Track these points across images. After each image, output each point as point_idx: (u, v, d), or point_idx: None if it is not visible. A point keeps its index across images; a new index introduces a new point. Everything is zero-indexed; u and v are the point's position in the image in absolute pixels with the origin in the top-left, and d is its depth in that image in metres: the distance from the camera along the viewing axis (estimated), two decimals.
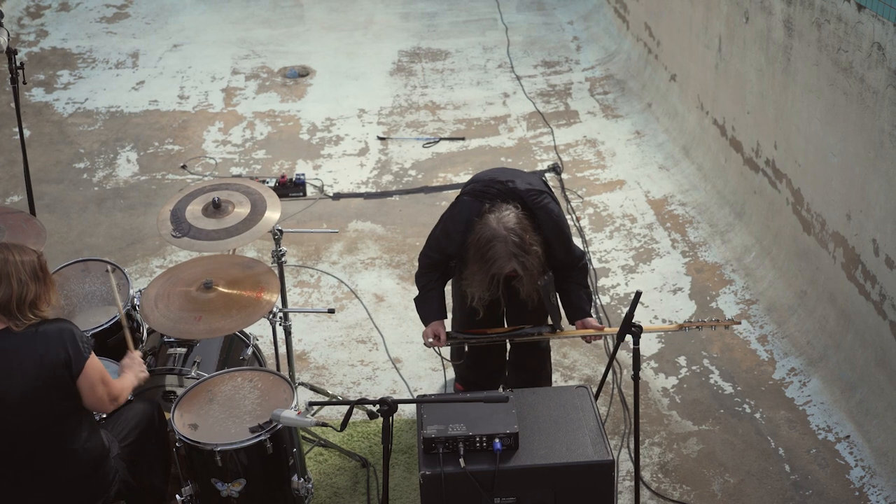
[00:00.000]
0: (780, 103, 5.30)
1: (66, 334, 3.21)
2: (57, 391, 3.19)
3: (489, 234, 3.64)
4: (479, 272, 3.71)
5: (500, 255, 3.63)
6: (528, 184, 3.86)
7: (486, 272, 3.69)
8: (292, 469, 3.72)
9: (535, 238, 3.71)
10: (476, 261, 3.71)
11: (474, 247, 3.70)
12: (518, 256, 3.64)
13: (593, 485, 3.47)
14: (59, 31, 8.79)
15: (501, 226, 3.64)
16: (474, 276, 3.75)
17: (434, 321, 4.02)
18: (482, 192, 3.83)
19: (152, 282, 4.02)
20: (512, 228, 3.63)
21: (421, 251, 4.05)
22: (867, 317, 4.55)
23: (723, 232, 5.81)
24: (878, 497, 4.12)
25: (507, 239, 3.62)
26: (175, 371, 4.02)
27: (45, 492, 3.27)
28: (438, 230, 3.97)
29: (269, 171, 6.66)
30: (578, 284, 4.02)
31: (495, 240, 3.63)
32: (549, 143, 6.97)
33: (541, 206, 3.81)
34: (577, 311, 4.02)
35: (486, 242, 3.65)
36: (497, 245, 3.63)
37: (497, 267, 3.66)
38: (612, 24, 8.31)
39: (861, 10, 4.38)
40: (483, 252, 3.66)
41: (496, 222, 3.65)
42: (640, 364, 3.72)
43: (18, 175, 6.18)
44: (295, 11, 9.24)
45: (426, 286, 4.04)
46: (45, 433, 3.22)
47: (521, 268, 3.67)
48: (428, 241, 4.03)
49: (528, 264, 3.67)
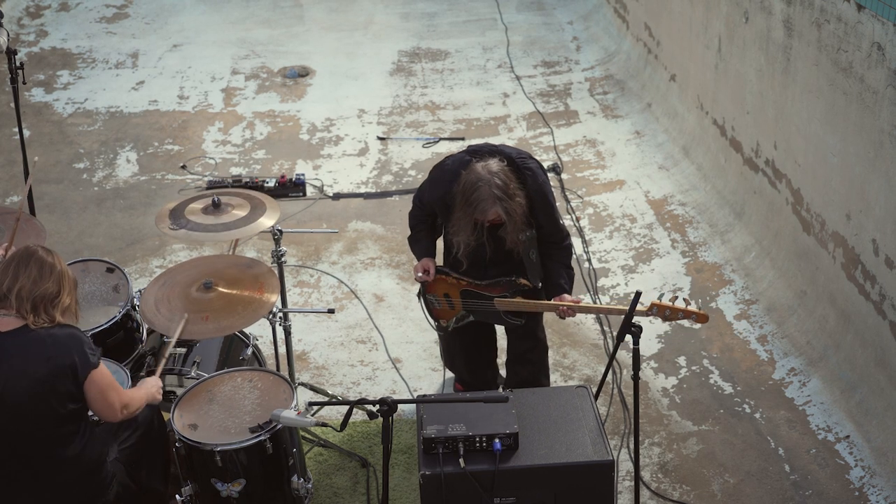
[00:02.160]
0: (779, 103, 5.30)
1: (74, 340, 3.23)
2: (61, 395, 3.19)
3: (474, 178, 3.79)
4: (463, 216, 3.84)
5: (483, 196, 3.75)
6: (518, 152, 4.01)
7: (470, 215, 3.82)
8: (292, 469, 3.72)
9: (519, 190, 3.83)
10: (462, 205, 3.83)
11: (460, 192, 3.83)
12: (502, 200, 3.76)
13: (593, 485, 3.47)
14: (58, 32, 8.79)
15: (486, 170, 3.78)
16: (459, 222, 3.88)
17: (425, 257, 4.17)
18: (474, 150, 4.00)
19: (149, 286, 4.01)
20: (496, 172, 3.78)
21: (414, 195, 4.23)
22: (867, 317, 4.55)
23: (723, 232, 5.81)
24: (878, 497, 4.12)
25: (492, 182, 3.75)
26: (175, 371, 4.02)
27: (41, 494, 3.27)
28: (427, 180, 4.13)
29: (269, 171, 6.66)
30: (561, 263, 4.10)
31: (480, 182, 3.76)
32: (548, 143, 6.97)
33: (527, 168, 3.95)
34: (556, 287, 4.08)
35: (470, 185, 3.79)
36: (482, 188, 3.75)
37: (481, 210, 3.78)
38: (611, 24, 8.31)
39: (861, 10, 4.38)
40: (468, 195, 3.79)
41: (482, 168, 3.80)
42: (639, 364, 3.72)
43: (18, 175, 6.18)
44: (295, 11, 9.24)
45: (416, 226, 4.22)
46: (45, 435, 3.23)
47: (505, 213, 3.78)
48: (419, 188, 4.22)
49: (511, 210, 3.78)
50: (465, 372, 4.51)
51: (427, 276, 4.14)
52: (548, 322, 5.15)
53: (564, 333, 5.13)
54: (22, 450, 3.22)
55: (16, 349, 3.16)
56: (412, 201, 4.23)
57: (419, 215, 4.20)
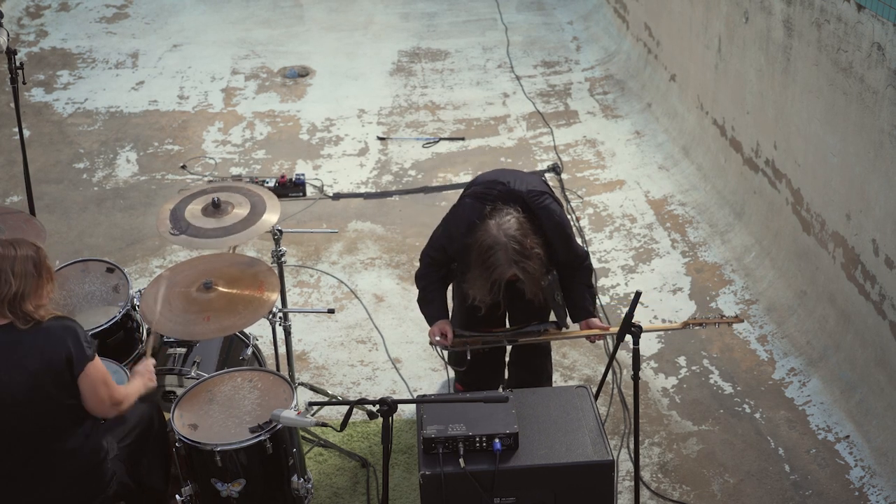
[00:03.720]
0: (779, 103, 5.30)
1: (69, 332, 3.20)
2: (58, 389, 3.18)
3: (490, 242, 3.66)
4: (480, 278, 3.73)
5: (500, 262, 3.65)
6: (528, 185, 3.89)
7: (487, 278, 3.71)
8: (292, 469, 3.72)
9: (536, 240, 3.72)
10: (477, 266, 3.72)
11: (476, 252, 3.71)
12: (519, 262, 3.66)
13: (593, 485, 3.47)
14: (58, 32, 8.79)
15: (502, 232, 3.66)
16: (475, 281, 3.77)
17: (440, 320, 4.03)
18: (484, 194, 3.86)
19: (148, 287, 4.01)
20: (512, 236, 3.65)
21: (422, 251, 4.07)
22: (867, 317, 4.55)
23: (722, 232, 5.82)
24: (878, 497, 4.12)
25: (508, 246, 3.63)
26: (175, 371, 4.02)
27: (40, 490, 3.27)
28: (440, 230, 4.00)
29: (269, 171, 6.66)
30: (582, 284, 4.03)
31: (496, 247, 3.65)
32: (548, 143, 6.97)
33: (542, 207, 3.84)
34: (581, 311, 4.03)
35: (486, 249, 3.66)
36: (498, 252, 3.65)
37: (498, 273, 3.69)
38: (611, 24, 8.31)
39: (861, 10, 4.38)
40: (484, 259, 3.68)
41: (496, 229, 3.67)
42: (639, 364, 3.72)
43: (18, 175, 6.18)
44: (295, 11, 9.24)
45: (427, 286, 4.05)
46: (43, 431, 3.22)
47: (523, 272, 3.69)
48: (430, 239, 4.05)
49: (529, 269, 3.68)
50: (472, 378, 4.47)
51: (445, 340, 3.99)
52: None
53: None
54: (21, 445, 3.21)
55: (9, 343, 3.14)
56: (420, 259, 4.07)
57: (430, 273, 4.04)
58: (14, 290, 3.13)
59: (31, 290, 3.16)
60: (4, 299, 3.13)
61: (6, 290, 3.12)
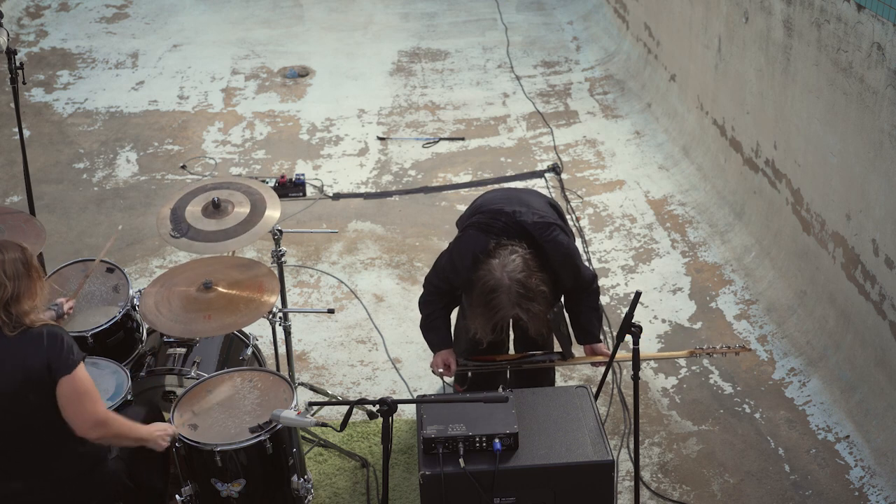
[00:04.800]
0: (779, 103, 5.30)
1: (52, 339, 3.13)
2: (37, 395, 3.13)
3: (493, 284, 3.57)
4: (482, 317, 3.66)
5: (503, 305, 3.58)
6: (535, 214, 3.77)
7: (489, 319, 3.65)
8: (292, 469, 3.72)
9: (542, 277, 3.62)
10: (480, 305, 3.65)
11: (478, 292, 3.63)
12: (522, 305, 3.58)
13: (593, 485, 3.47)
14: (58, 32, 8.79)
15: (506, 275, 3.56)
16: (477, 319, 3.70)
17: (443, 350, 3.97)
18: (488, 226, 3.76)
19: (148, 287, 4.01)
20: (517, 279, 3.55)
21: (427, 276, 3.99)
22: (867, 317, 4.55)
23: (722, 232, 5.81)
24: (878, 497, 4.12)
25: (511, 290, 3.55)
26: (175, 371, 4.02)
27: (40, 491, 3.27)
28: (445, 260, 3.89)
29: (269, 172, 6.66)
30: (589, 307, 3.97)
31: (499, 290, 3.56)
32: (548, 143, 6.97)
33: (549, 240, 3.73)
34: (587, 335, 3.99)
35: (489, 291, 3.58)
36: (501, 295, 3.57)
37: (500, 316, 3.62)
38: (611, 24, 8.31)
39: (861, 11, 4.38)
40: (487, 300, 3.60)
41: (500, 270, 3.57)
42: (639, 364, 3.72)
43: (18, 175, 6.18)
44: (294, 11, 9.24)
45: (432, 314, 3.97)
46: (38, 433, 3.21)
47: (526, 314, 3.62)
48: (434, 267, 3.96)
49: (533, 310, 3.61)
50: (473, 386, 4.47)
51: (448, 371, 3.95)
52: None
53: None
54: (21, 445, 3.21)
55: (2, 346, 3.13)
56: (424, 285, 3.98)
57: (434, 301, 3.96)
58: (10, 293, 3.09)
59: (25, 290, 3.13)
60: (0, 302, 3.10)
61: (2, 293, 3.09)
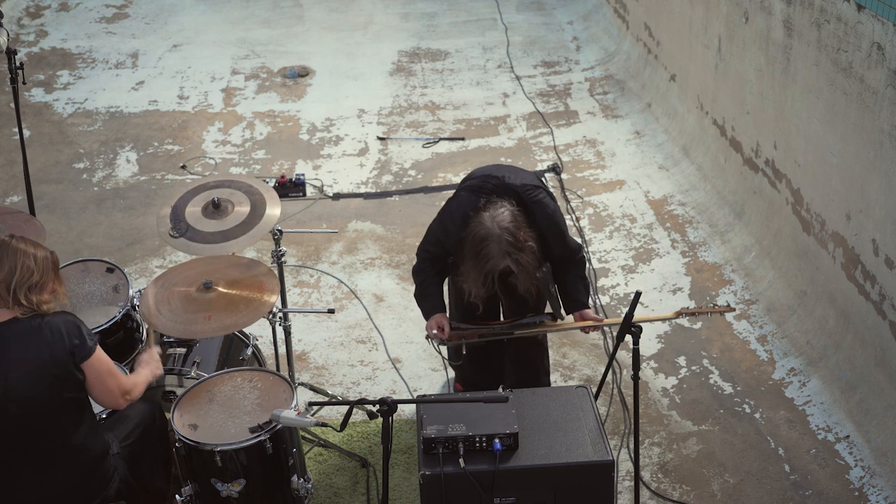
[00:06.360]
0: (779, 103, 5.30)
1: (71, 326, 3.23)
2: (62, 382, 3.20)
3: (483, 233, 3.69)
4: (473, 269, 3.77)
5: (493, 253, 3.69)
6: (523, 180, 3.92)
7: (480, 270, 3.75)
8: (292, 469, 3.72)
9: (530, 234, 3.75)
10: (471, 258, 3.76)
11: (469, 244, 3.75)
12: (512, 254, 3.69)
13: (593, 485, 3.47)
14: (58, 32, 8.79)
15: (496, 224, 3.68)
16: (469, 273, 3.80)
17: (437, 314, 4.06)
18: (478, 188, 3.89)
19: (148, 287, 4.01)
20: (506, 228, 3.68)
21: (419, 245, 4.09)
22: (867, 317, 4.55)
23: (722, 232, 5.82)
24: (878, 497, 4.12)
25: (501, 238, 3.67)
26: (175, 371, 4.02)
27: (43, 486, 3.27)
28: (436, 225, 4.03)
29: (269, 171, 6.67)
30: (576, 276, 4.07)
31: (489, 238, 3.68)
32: (548, 143, 6.97)
33: (536, 201, 3.87)
34: (575, 303, 4.07)
35: (480, 241, 3.70)
36: (491, 244, 3.68)
37: (491, 265, 3.72)
38: (611, 24, 8.31)
39: (861, 11, 4.38)
40: (477, 251, 3.71)
41: (490, 220, 3.70)
42: (639, 364, 3.73)
43: (18, 175, 6.18)
44: (294, 11, 9.24)
45: (424, 281, 4.08)
46: (46, 426, 3.23)
47: (516, 265, 3.72)
48: (426, 234, 4.08)
49: (522, 261, 3.72)
50: (469, 372, 4.50)
51: (442, 333, 4.03)
52: None
53: (564, 333, 5.13)
54: (25, 439, 3.22)
55: (14, 338, 3.16)
56: (417, 254, 4.08)
57: (427, 268, 4.06)
58: (36, 280, 3.20)
59: (47, 283, 3.25)
60: (24, 285, 3.18)
61: (28, 276, 3.19)
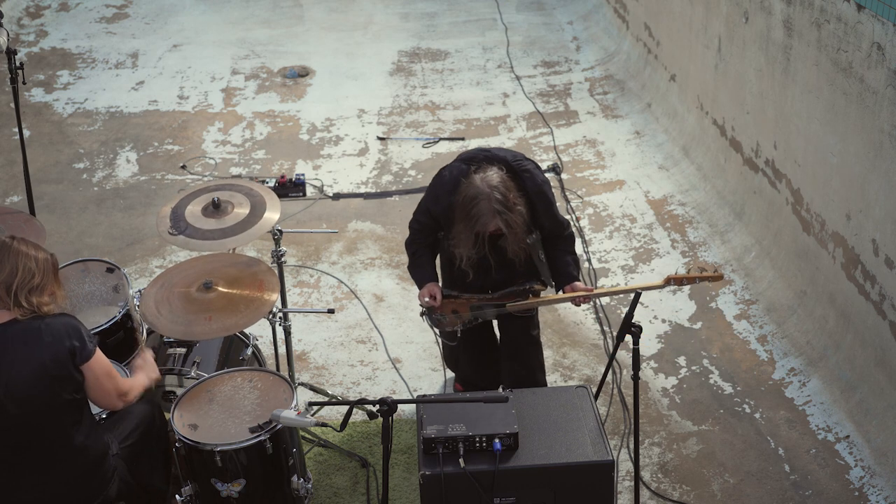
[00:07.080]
0: (779, 103, 5.30)
1: (71, 328, 3.24)
2: (61, 384, 3.20)
3: (473, 192, 3.76)
4: (464, 230, 3.83)
5: (483, 211, 3.74)
6: (513, 153, 4.01)
7: (470, 229, 3.81)
8: (292, 469, 3.72)
9: (519, 198, 3.82)
10: (461, 219, 3.82)
11: (460, 205, 3.82)
12: (502, 214, 3.74)
13: (593, 485, 3.47)
14: (58, 32, 8.79)
15: (485, 184, 3.76)
16: (460, 235, 3.86)
17: (429, 282, 4.12)
18: (470, 158, 3.98)
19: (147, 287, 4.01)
20: (495, 186, 3.75)
21: (411, 218, 4.16)
22: (867, 317, 4.55)
23: (722, 232, 5.82)
24: (878, 497, 4.12)
25: (491, 196, 3.73)
26: (175, 371, 4.02)
27: (43, 487, 3.27)
28: (427, 193, 4.09)
29: (269, 172, 6.67)
30: (564, 251, 4.11)
31: (479, 197, 3.74)
32: (548, 143, 6.97)
33: (525, 170, 3.94)
34: (565, 276, 4.10)
35: (470, 200, 3.76)
36: (481, 202, 3.74)
37: (481, 224, 3.77)
38: (611, 24, 8.31)
39: (861, 10, 4.38)
40: (468, 209, 3.77)
41: (480, 181, 3.77)
42: (639, 364, 3.73)
43: (18, 175, 6.18)
44: (294, 12, 9.24)
45: (416, 252, 4.16)
46: (46, 427, 3.23)
47: (505, 225, 3.77)
48: (418, 206, 4.14)
49: (511, 222, 3.77)
50: (469, 372, 4.51)
51: (434, 301, 4.10)
52: (547, 322, 5.16)
53: (564, 333, 5.13)
54: (25, 440, 3.22)
55: (14, 339, 3.17)
56: (409, 226, 4.17)
57: (419, 239, 4.15)
58: (37, 283, 3.22)
59: (47, 285, 3.26)
60: (24, 287, 3.19)
61: (28, 278, 3.20)
